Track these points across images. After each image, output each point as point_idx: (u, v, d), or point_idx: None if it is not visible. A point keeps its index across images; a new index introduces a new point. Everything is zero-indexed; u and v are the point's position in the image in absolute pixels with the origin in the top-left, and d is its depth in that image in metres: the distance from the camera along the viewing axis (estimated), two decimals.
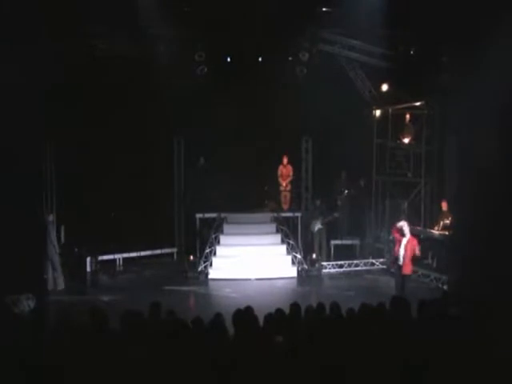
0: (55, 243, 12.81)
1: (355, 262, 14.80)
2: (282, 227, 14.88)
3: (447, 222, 13.40)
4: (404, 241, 10.91)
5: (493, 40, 10.80)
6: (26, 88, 10.89)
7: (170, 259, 15.82)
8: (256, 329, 5.78)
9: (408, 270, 10.96)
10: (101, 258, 14.25)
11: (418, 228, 14.24)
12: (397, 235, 11.07)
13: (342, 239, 15.92)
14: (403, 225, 10.99)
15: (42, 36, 11.28)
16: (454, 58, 13.18)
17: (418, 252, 11.00)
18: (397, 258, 11.00)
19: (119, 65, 13.76)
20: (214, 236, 14.40)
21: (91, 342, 5.31)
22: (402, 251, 10.87)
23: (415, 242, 11.02)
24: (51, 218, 13.04)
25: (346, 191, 16.16)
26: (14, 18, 10.85)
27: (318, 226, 15.02)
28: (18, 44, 10.86)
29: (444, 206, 13.64)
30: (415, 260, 11.16)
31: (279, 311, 6.10)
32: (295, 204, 16.02)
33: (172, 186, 16.43)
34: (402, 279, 10.97)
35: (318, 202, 15.44)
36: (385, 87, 15.21)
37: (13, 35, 10.79)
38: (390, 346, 5.40)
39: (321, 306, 6.53)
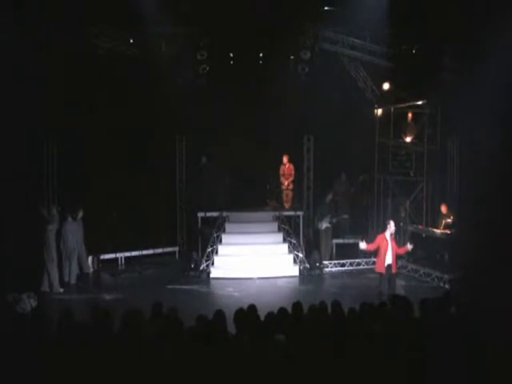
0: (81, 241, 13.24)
1: (357, 260, 14.78)
2: (283, 226, 14.87)
3: (449, 220, 13.41)
4: (389, 239, 11.13)
5: (494, 40, 10.81)
6: (27, 87, 10.94)
7: (172, 258, 15.84)
8: (258, 327, 5.79)
9: (396, 268, 11.14)
10: (102, 257, 14.31)
11: (420, 227, 14.26)
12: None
13: (344, 238, 15.91)
14: (389, 223, 11.22)
15: (44, 35, 11.32)
16: (455, 57, 13.20)
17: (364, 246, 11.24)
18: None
19: (122, 63, 13.78)
20: (215, 235, 14.41)
21: (93, 341, 5.32)
22: (390, 250, 11.09)
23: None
24: (80, 214, 13.36)
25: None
26: (15, 17, 10.88)
27: (325, 225, 14.98)
28: (20, 43, 10.90)
29: (444, 208, 13.65)
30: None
31: (282, 310, 6.10)
32: (297, 203, 16.01)
33: (174, 185, 16.46)
34: (390, 279, 11.12)
35: (329, 197, 15.33)
36: (386, 86, 15.20)
37: (14, 35, 10.83)
38: (391, 345, 5.40)
39: (323, 304, 6.53)
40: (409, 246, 11.51)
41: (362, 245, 11.37)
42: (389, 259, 10.96)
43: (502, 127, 10.96)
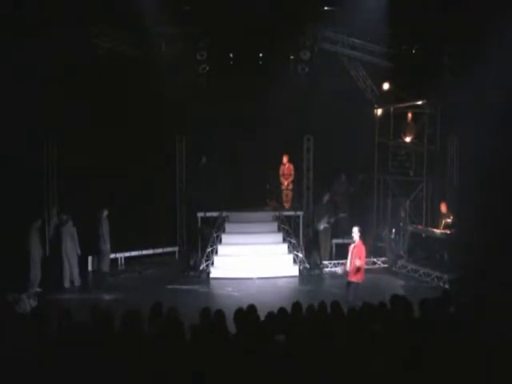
0: (106, 237, 13.71)
1: None
2: (283, 226, 14.87)
3: (448, 220, 13.41)
4: (351, 246, 10.59)
5: (494, 40, 10.82)
6: (27, 87, 10.94)
7: (172, 258, 15.85)
8: (257, 327, 5.79)
9: (356, 277, 10.30)
10: None
11: (420, 227, 14.27)
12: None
13: (343, 238, 15.90)
14: (354, 231, 10.58)
15: (44, 35, 11.32)
16: (455, 57, 13.20)
17: (358, 263, 10.19)
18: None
19: (122, 63, 13.78)
20: (215, 235, 14.40)
21: (93, 341, 5.32)
22: (348, 257, 10.57)
23: (362, 249, 10.43)
24: (105, 213, 13.71)
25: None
26: (15, 17, 10.89)
27: (323, 225, 14.98)
28: (21, 43, 10.91)
29: (443, 207, 13.66)
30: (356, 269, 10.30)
31: (282, 310, 6.10)
32: (297, 203, 16.00)
33: (174, 185, 16.46)
34: (349, 286, 10.42)
35: (326, 198, 15.35)
36: (386, 86, 15.21)
37: (15, 34, 10.83)
38: (391, 345, 5.41)
39: (322, 304, 6.54)
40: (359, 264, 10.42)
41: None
42: (347, 266, 10.61)
43: (502, 127, 10.96)
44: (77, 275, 12.90)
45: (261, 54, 15.13)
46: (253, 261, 13.82)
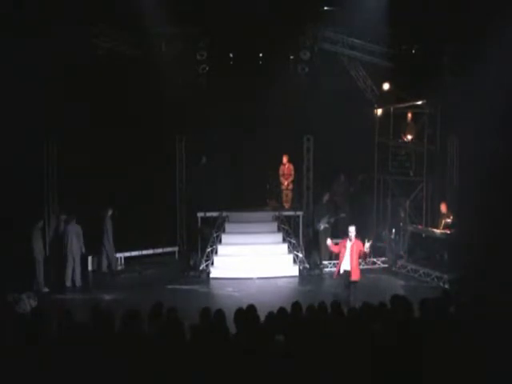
0: (110, 236, 13.91)
1: None
2: (283, 226, 14.87)
3: (448, 220, 13.41)
4: (349, 245, 10.58)
5: (494, 40, 10.83)
6: (27, 87, 10.95)
7: (172, 258, 15.84)
8: (257, 327, 5.79)
9: (356, 275, 10.45)
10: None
11: (420, 227, 14.27)
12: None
13: (343, 238, 15.86)
14: (352, 230, 10.64)
15: (45, 35, 11.33)
16: (455, 57, 13.21)
17: (367, 245, 10.56)
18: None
19: (122, 63, 13.79)
20: (215, 235, 14.40)
21: (93, 341, 5.32)
22: (347, 256, 10.53)
23: (361, 244, 10.57)
24: (110, 212, 13.91)
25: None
26: (15, 17, 10.90)
27: (324, 225, 14.98)
28: (21, 43, 10.92)
29: (443, 207, 13.65)
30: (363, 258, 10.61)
31: (281, 310, 6.10)
32: (297, 203, 16.00)
33: (174, 185, 16.46)
34: (349, 286, 10.46)
35: (325, 198, 15.35)
36: (386, 86, 15.21)
37: (15, 34, 10.84)
38: (391, 345, 5.41)
39: (322, 304, 6.54)
40: (367, 245, 10.66)
41: (328, 241, 11.22)
42: (345, 265, 10.55)
43: (502, 127, 10.98)
44: (79, 275, 12.90)
45: (261, 54, 15.14)
46: (253, 261, 13.81)
